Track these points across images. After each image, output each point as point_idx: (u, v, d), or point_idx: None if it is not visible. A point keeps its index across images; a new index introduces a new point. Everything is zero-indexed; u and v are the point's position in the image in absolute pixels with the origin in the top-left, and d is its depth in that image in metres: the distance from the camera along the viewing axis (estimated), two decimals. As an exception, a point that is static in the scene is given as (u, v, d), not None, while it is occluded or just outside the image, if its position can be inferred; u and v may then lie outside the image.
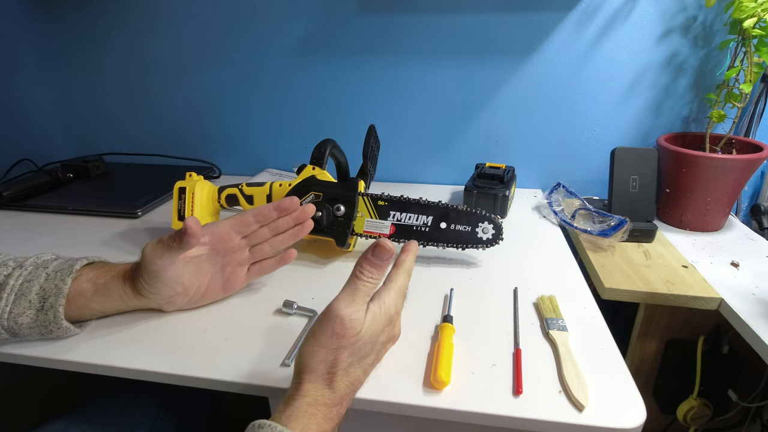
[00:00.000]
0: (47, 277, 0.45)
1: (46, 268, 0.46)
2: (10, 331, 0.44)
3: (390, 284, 0.40)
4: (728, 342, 0.63)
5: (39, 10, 0.96)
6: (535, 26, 0.81)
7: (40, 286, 0.45)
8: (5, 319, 0.44)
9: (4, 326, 0.44)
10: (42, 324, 0.44)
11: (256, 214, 0.51)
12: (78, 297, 0.46)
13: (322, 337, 0.36)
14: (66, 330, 0.45)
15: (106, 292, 0.47)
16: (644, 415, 0.38)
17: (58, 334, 0.46)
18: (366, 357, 0.37)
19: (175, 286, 0.47)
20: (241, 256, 0.52)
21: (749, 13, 0.64)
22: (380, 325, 0.38)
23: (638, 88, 0.82)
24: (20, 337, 0.45)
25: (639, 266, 0.64)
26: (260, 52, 0.92)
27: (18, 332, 0.45)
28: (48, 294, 0.44)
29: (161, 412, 0.57)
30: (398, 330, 0.41)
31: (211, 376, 0.42)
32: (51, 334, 0.45)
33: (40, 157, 1.08)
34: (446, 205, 0.59)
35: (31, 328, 0.44)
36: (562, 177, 0.90)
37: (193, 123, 1.01)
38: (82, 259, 0.48)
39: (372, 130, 0.67)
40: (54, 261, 0.48)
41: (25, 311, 0.44)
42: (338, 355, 0.35)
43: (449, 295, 0.54)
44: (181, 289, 0.48)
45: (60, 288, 0.45)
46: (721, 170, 0.69)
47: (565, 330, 0.47)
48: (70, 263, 0.47)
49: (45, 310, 0.44)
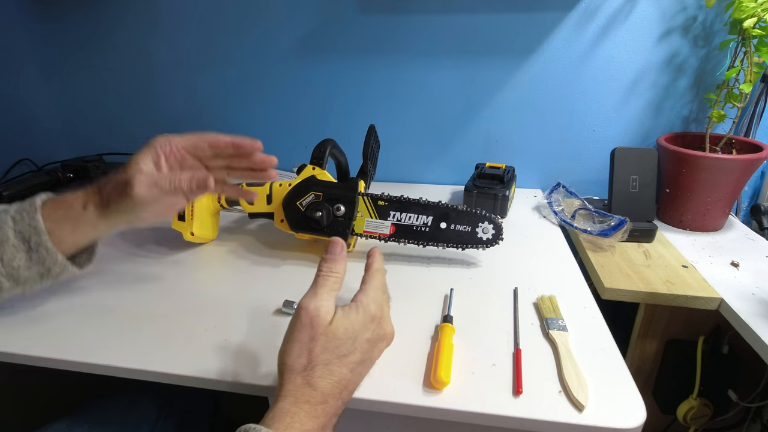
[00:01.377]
0: (14, 221, 0.45)
1: (6, 212, 0.46)
2: (10, 278, 0.45)
3: (364, 286, 0.41)
4: (728, 342, 0.63)
5: (39, 10, 0.96)
6: (535, 26, 0.81)
7: (13, 230, 0.45)
8: (0, 268, 0.44)
9: (3, 274, 0.45)
10: (38, 262, 0.45)
11: (212, 139, 0.51)
12: (52, 233, 0.46)
13: (293, 333, 0.36)
14: (63, 266, 0.46)
15: (70, 224, 0.47)
16: (644, 415, 0.38)
17: (57, 271, 0.46)
18: (348, 355, 0.36)
19: (152, 209, 0.48)
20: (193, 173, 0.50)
21: (749, 13, 0.64)
22: (358, 323, 0.37)
23: (638, 88, 0.82)
24: (22, 283, 0.46)
25: (639, 266, 0.64)
26: (260, 52, 0.92)
27: (18, 277, 0.45)
28: (27, 234, 0.45)
29: (163, 412, 0.57)
30: (389, 329, 0.40)
31: (212, 376, 0.42)
32: (50, 272, 0.46)
33: (40, 157, 1.08)
34: (446, 205, 0.59)
35: (28, 269, 0.45)
36: (562, 177, 0.90)
37: (193, 123, 1.01)
38: (35, 198, 0.47)
39: (372, 130, 0.68)
40: (13, 206, 0.47)
41: (15, 255, 0.45)
42: (312, 347, 0.35)
43: (449, 295, 0.54)
44: (155, 209, 0.48)
45: (35, 226, 0.45)
46: (721, 170, 0.69)
47: (565, 330, 0.47)
48: (28, 203, 0.47)
49: (34, 249, 0.45)
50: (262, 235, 0.72)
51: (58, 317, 0.51)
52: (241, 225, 0.75)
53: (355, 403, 0.40)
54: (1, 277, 0.45)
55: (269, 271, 0.61)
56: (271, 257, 0.64)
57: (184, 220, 0.64)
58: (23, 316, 0.52)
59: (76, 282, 0.58)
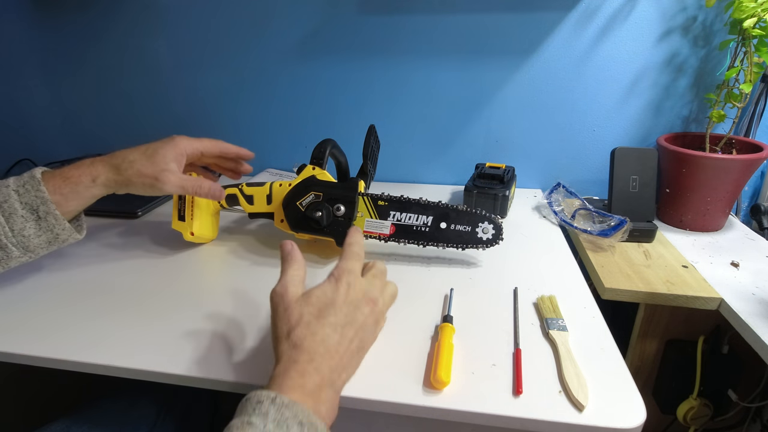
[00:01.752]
0: (19, 194, 0.49)
1: (6, 187, 0.50)
2: (21, 247, 0.50)
3: (338, 261, 0.43)
4: (728, 342, 0.63)
5: (40, 11, 0.96)
6: (535, 26, 0.81)
7: (19, 202, 0.49)
8: (11, 237, 0.49)
9: (14, 244, 0.49)
10: (48, 229, 0.50)
11: (224, 148, 0.62)
12: (58, 204, 0.51)
13: (272, 316, 0.39)
14: (69, 231, 0.52)
15: (76, 196, 0.52)
16: (644, 415, 0.38)
17: (64, 236, 0.52)
18: (327, 317, 0.37)
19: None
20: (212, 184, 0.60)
21: (749, 13, 0.64)
22: (330, 289, 0.39)
23: (638, 88, 0.82)
24: (31, 251, 0.51)
25: (639, 266, 0.64)
26: (260, 52, 0.92)
27: (28, 245, 0.50)
28: (35, 204, 0.49)
29: (162, 413, 0.57)
30: (373, 294, 0.41)
31: (211, 376, 0.42)
32: (58, 238, 0.52)
33: (40, 157, 1.08)
34: (446, 205, 0.59)
35: (38, 236, 0.50)
36: (562, 177, 0.90)
37: (193, 123, 1.01)
38: (33, 171, 0.51)
39: (372, 130, 0.67)
40: (9, 180, 0.51)
41: (25, 225, 0.49)
42: (289, 315, 0.37)
43: (449, 295, 0.54)
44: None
45: (41, 197, 0.50)
46: (721, 170, 0.69)
47: (565, 330, 0.47)
48: (28, 176, 0.51)
49: (42, 217, 0.50)
50: (262, 235, 0.72)
51: (58, 317, 0.51)
52: (241, 225, 0.75)
53: (356, 403, 0.40)
54: (12, 246, 0.49)
55: (269, 271, 0.61)
56: (271, 257, 0.64)
57: (184, 220, 0.64)
58: (23, 316, 0.52)
59: (76, 282, 0.59)
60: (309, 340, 0.36)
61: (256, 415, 0.31)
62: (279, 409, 0.31)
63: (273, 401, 0.31)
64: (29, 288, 0.57)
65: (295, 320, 0.37)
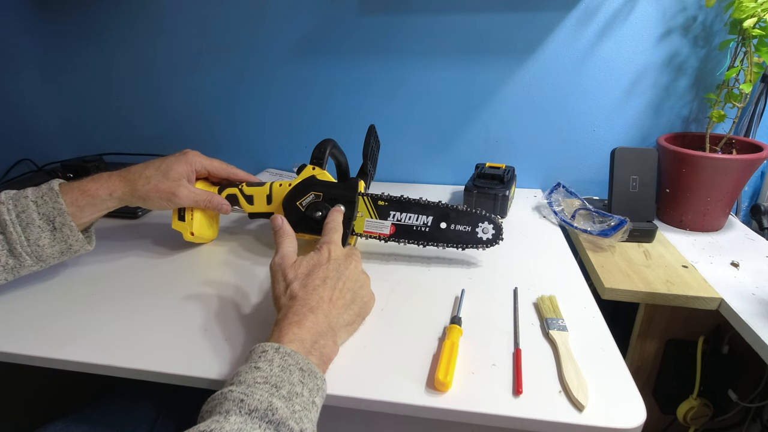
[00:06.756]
0: (37, 205, 0.51)
1: (26, 197, 0.51)
2: (35, 257, 0.51)
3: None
4: (728, 342, 0.63)
5: (40, 11, 0.96)
6: (535, 26, 0.81)
7: (37, 213, 0.51)
8: (26, 247, 0.50)
9: (28, 253, 0.51)
10: (62, 240, 0.52)
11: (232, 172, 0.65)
12: (73, 215, 0.53)
13: (272, 281, 0.46)
14: (82, 242, 0.54)
15: (93, 209, 0.54)
16: (644, 415, 0.38)
17: (76, 247, 0.54)
18: (317, 272, 0.45)
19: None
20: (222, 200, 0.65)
21: (749, 13, 0.64)
22: (317, 255, 0.48)
23: (638, 88, 0.82)
24: (44, 260, 0.52)
25: (639, 266, 0.64)
26: (260, 52, 0.92)
27: (41, 255, 0.52)
28: (52, 216, 0.51)
29: (161, 413, 0.57)
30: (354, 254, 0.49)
31: (211, 376, 0.42)
32: (71, 248, 0.53)
33: (40, 157, 1.08)
34: (446, 205, 0.59)
35: (52, 246, 0.52)
36: (562, 177, 0.90)
37: (192, 123, 1.02)
38: (51, 183, 0.53)
39: (372, 130, 0.67)
40: (27, 191, 0.52)
41: (41, 235, 0.51)
42: (285, 275, 0.45)
43: (460, 296, 0.54)
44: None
45: (59, 209, 0.51)
46: (721, 170, 0.69)
47: (565, 330, 0.47)
48: (47, 187, 0.52)
49: (58, 228, 0.51)
50: (262, 235, 0.72)
51: (58, 317, 0.51)
52: (241, 225, 0.75)
53: (357, 403, 0.40)
54: (27, 255, 0.51)
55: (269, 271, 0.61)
56: (271, 257, 0.64)
57: (184, 220, 0.64)
58: (23, 316, 0.52)
59: (75, 282, 0.59)
60: (302, 291, 0.43)
61: (262, 361, 0.35)
62: (282, 356, 0.36)
63: (277, 350, 0.36)
64: (29, 288, 0.57)
65: (290, 279, 0.45)
